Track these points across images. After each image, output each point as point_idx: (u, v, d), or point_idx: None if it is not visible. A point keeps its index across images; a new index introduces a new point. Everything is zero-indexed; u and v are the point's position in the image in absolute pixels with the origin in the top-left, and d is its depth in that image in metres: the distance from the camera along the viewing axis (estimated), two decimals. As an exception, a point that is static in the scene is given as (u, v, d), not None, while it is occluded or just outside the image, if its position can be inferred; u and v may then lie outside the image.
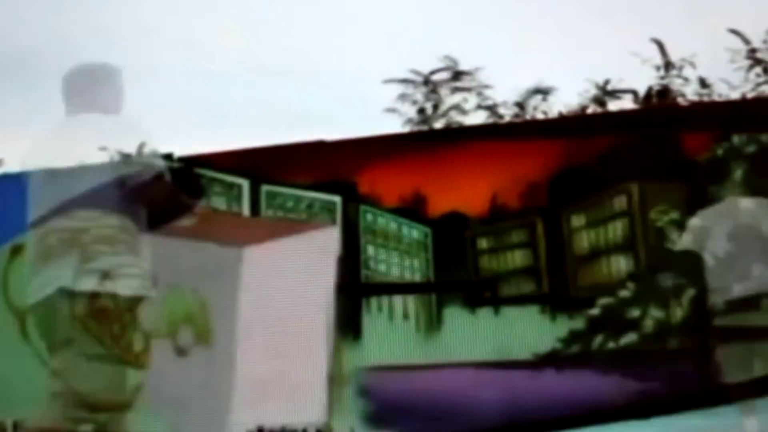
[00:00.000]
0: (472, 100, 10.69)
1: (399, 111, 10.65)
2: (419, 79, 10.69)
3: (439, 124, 10.60)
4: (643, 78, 9.95)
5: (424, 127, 10.42)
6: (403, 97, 10.67)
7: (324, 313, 7.53)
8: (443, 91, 10.74)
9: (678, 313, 7.16)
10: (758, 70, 9.66)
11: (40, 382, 7.89)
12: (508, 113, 10.54)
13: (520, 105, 10.49)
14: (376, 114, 10.50)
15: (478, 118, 10.56)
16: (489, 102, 10.67)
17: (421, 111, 10.72)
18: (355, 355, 7.51)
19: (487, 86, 10.58)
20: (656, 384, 7.14)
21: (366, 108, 10.64)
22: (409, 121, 10.65)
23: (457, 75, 10.68)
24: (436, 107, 10.73)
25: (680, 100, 9.76)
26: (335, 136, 7.88)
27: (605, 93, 10.21)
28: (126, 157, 8.99)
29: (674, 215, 7.21)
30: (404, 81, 10.68)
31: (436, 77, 10.71)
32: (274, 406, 7.48)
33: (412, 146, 7.80)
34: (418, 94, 10.73)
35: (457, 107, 10.72)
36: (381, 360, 7.50)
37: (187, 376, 7.61)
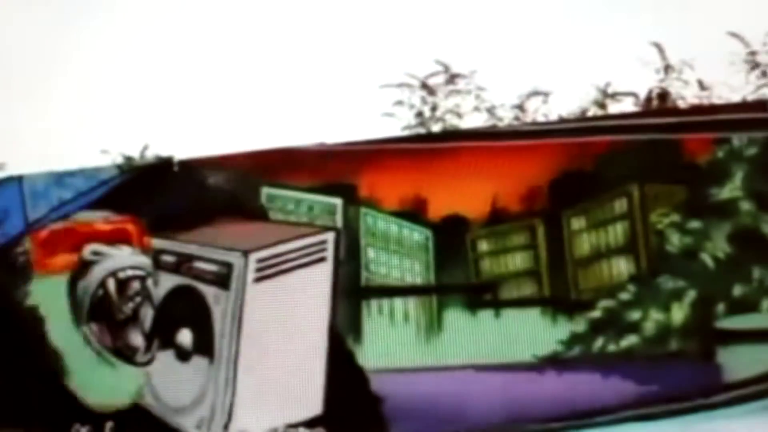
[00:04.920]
0: (470, 103, 10.67)
1: (396, 115, 10.63)
2: (416, 83, 10.67)
3: (436, 128, 10.58)
4: (643, 81, 9.95)
5: (422, 131, 10.40)
6: (400, 101, 10.66)
7: (325, 316, 7.56)
8: (441, 95, 10.72)
9: (678, 315, 7.17)
10: (758, 72, 9.66)
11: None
12: (507, 116, 10.53)
13: (520, 108, 10.48)
14: (374, 119, 10.50)
15: (477, 121, 10.54)
16: (488, 105, 10.64)
17: (419, 115, 10.71)
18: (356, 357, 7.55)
19: (485, 89, 10.57)
20: (657, 386, 7.15)
21: (363, 113, 10.63)
22: (407, 126, 10.63)
23: (455, 78, 10.66)
24: (434, 110, 10.71)
25: (680, 103, 9.77)
26: (333, 140, 7.91)
27: (605, 96, 10.20)
28: (128, 159, 9.04)
29: (675, 218, 7.22)
30: (401, 85, 10.66)
31: (433, 81, 10.69)
32: (275, 406, 7.52)
33: (412, 149, 7.81)
34: (416, 98, 10.71)
35: (454, 110, 10.70)
36: (382, 362, 7.51)
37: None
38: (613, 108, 10.18)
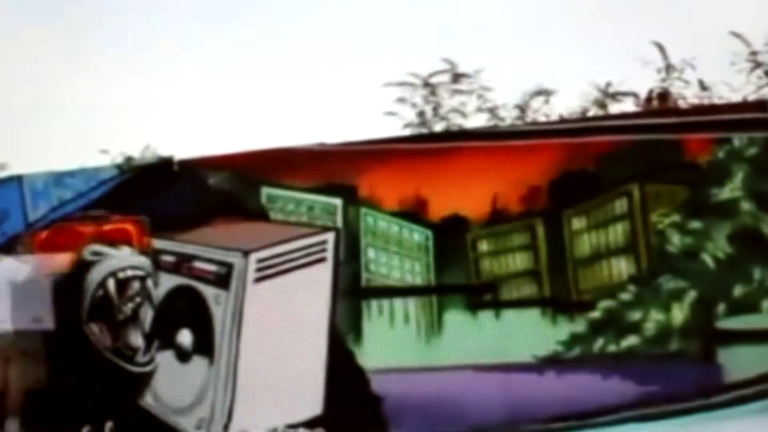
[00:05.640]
0: (472, 103, 10.66)
1: (398, 114, 10.62)
2: (418, 81, 10.66)
3: (438, 127, 10.57)
4: (644, 80, 9.95)
5: (424, 130, 10.39)
6: (402, 99, 10.64)
7: (325, 316, 7.57)
8: (443, 94, 10.71)
9: (679, 315, 7.16)
10: (759, 72, 9.65)
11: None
12: (509, 116, 10.52)
13: (521, 107, 10.48)
14: (376, 117, 10.50)
15: (479, 120, 10.54)
16: (489, 104, 10.64)
17: (421, 114, 10.70)
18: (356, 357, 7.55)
19: (487, 89, 10.56)
20: (657, 386, 7.14)
21: (366, 111, 10.63)
22: (409, 124, 10.63)
23: (457, 77, 10.65)
24: (435, 110, 10.71)
25: (681, 103, 9.76)
26: (335, 139, 7.92)
27: (606, 95, 10.20)
28: (128, 159, 9.05)
29: (675, 218, 7.21)
30: (403, 84, 10.65)
31: (435, 80, 10.68)
32: (275, 406, 7.53)
33: (413, 149, 7.80)
34: (418, 97, 10.71)
35: (456, 110, 10.70)
36: (382, 362, 7.51)
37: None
38: (614, 108, 10.17)
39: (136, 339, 7.83)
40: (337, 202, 7.69)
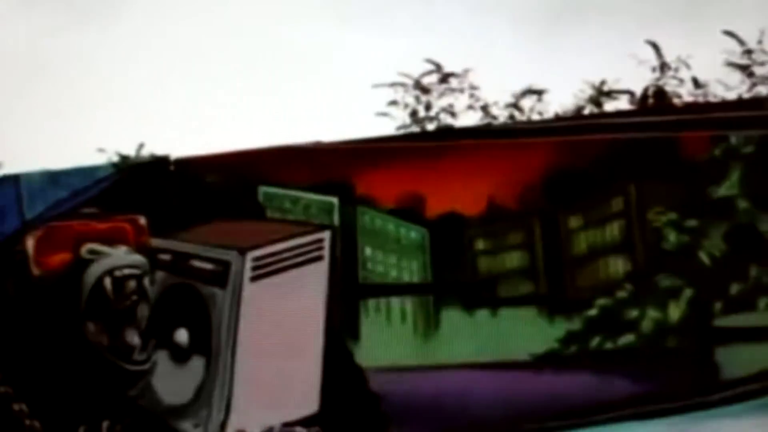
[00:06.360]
0: (463, 102, 10.66)
1: (391, 115, 10.60)
2: (410, 82, 10.65)
3: (431, 127, 10.56)
4: (639, 79, 9.95)
5: (417, 130, 10.38)
6: (394, 101, 10.62)
7: (322, 314, 7.56)
8: (435, 93, 10.70)
9: (675, 313, 7.18)
10: (753, 71, 9.67)
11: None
12: (502, 114, 10.52)
13: (516, 106, 10.47)
14: (368, 118, 10.48)
15: (471, 119, 10.53)
16: (482, 103, 10.63)
17: (413, 114, 10.68)
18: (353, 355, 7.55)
19: (479, 87, 10.55)
20: (654, 384, 7.16)
21: (357, 113, 10.61)
22: (402, 125, 10.61)
23: (448, 77, 10.63)
24: (428, 108, 10.69)
25: (676, 101, 9.77)
26: (329, 138, 7.92)
27: (601, 94, 10.20)
28: (124, 158, 9.04)
29: (672, 216, 7.22)
30: (395, 84, 10.63)
31: (426, 80, 10.66)
32: (272, 404, 7.52)
33: (409, 147, 7.81)
34: (410, 98, 10.69)
35: (448, 109, 10.68)
36: (379, 361, 7.51)
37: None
38: (609, 106, 10.18)
39: (133, 337, 7.82)
40: (334, 200, 7.69)
